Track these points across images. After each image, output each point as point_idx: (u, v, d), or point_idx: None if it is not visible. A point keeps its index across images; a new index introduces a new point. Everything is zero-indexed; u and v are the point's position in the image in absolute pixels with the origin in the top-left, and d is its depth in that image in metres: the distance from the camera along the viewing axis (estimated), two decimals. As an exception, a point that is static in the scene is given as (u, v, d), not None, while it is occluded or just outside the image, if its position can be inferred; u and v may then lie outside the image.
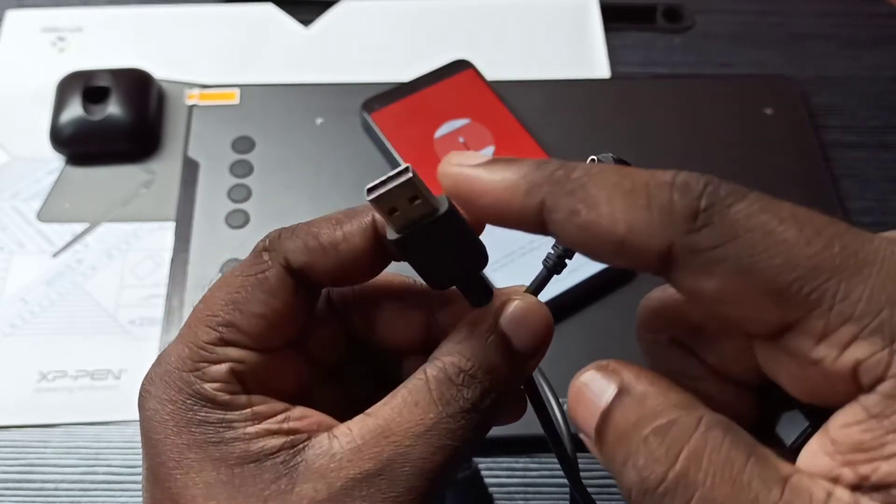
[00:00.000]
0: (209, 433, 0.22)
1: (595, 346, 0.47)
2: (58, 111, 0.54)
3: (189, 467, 0.22)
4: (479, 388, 0.23)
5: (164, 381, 0.23)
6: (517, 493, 0.44)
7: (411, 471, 0.22)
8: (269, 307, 0.23)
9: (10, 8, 0.62)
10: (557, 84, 0.57)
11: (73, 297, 0.49)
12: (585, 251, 0.21)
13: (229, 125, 0.55)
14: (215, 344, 0.23)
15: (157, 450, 0.23)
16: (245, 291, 0.23)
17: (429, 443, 0.22)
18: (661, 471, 0.18)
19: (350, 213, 0.24)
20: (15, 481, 0.44)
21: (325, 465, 0.22)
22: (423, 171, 0.22)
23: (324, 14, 0.62)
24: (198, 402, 0.23)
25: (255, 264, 0.24)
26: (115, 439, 0.45)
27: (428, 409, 0.22)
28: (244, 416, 0.23)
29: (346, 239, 0.24)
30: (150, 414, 0.23)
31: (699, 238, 0.19)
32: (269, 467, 0.22)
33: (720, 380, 0.23)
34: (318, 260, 0.24)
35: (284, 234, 0.24)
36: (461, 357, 0.23)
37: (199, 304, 0.24)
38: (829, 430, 0.19)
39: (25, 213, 0.53)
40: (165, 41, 0.60)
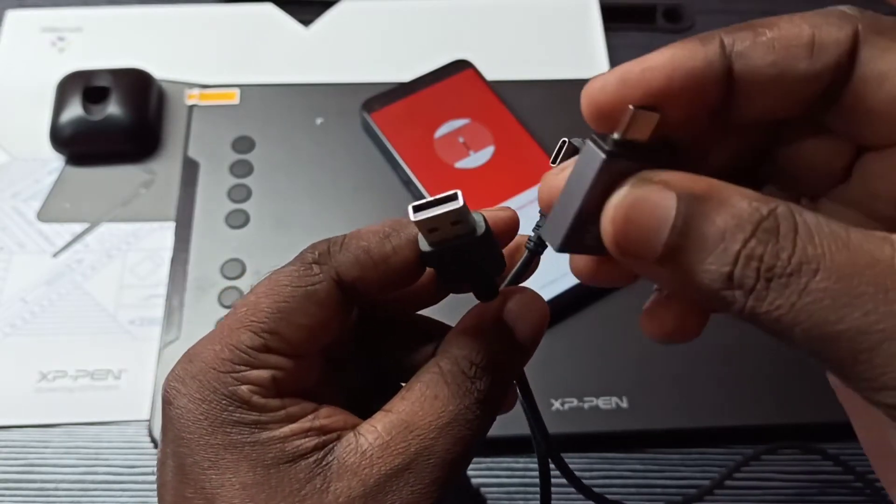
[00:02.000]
0: (244, 434, 0.23)
1: (595, 346, 0.47)
2: (58, 111, 0.54)
3: (225, 468, 0.23)
4: (489, 380, 0.24)
5: (197, 379, 0.23)
6: (517, 494, 0.44)
7: (435, 462, 0.23)
8: (315, 319, 0.24)
9: (10, 8, 0.62)
10: (557, 84, 0.57)
11: (73, 297, 0.49)
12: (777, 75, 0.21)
13: (229, 125, 0.55)
14: (258, 350, 0.23)
15: (191, 448, 0.23)
16: (294, 301, 0.24)
17: (450, 434, 0.23)
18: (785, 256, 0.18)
19: (396, 226, 0.24)
20: (15, 481, 0.44)
21: (357, 463, 0.23)
22: (424, 170, 0.22)
23: (324, 14, 0.62)
24: (233, 402, 0.23)
25: (306, 276, 0.24)
26: (115, 439, 0.45)
27: (448, 402, 0.23)
28: (278, 417, 0.23)
29: (395, 252, 0.24)
30: (181, 412, 0.23)
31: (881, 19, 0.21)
32: (303, 467, 0.23)
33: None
34: (369, 274, 0.24)
35: (334, 248, 0.24)
36: (471, 350, 0.24)
37: (240, 307, 0.24)
38: None
39: (25, 213, 0.53)
40: (165, 41, 0.60)
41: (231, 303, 0.48)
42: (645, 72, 0.21)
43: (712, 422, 0.45)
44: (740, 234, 0.18)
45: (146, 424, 0.45)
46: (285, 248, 0.50)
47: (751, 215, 0.18)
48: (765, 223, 0.18)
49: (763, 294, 0.18)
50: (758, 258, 0.18)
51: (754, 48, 0.21)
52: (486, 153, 0.53)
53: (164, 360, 0.46)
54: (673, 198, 0.19)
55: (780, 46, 0.21)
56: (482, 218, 0.23)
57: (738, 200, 0.19)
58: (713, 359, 0.46)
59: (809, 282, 0.18)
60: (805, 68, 0.21)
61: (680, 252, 0.19)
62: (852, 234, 0.18)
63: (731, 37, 0.21)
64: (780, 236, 0.18)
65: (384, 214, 0.52)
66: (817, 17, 0.21)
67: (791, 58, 0.21)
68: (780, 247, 0.18)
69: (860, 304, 0.18)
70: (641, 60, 0.21)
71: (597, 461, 0.45)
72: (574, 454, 0.45)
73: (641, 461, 0.45)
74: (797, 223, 0.18)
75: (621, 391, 0.45)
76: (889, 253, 0.18)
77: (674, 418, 0.45)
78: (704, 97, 0.21)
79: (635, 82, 0.21)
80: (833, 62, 0.21)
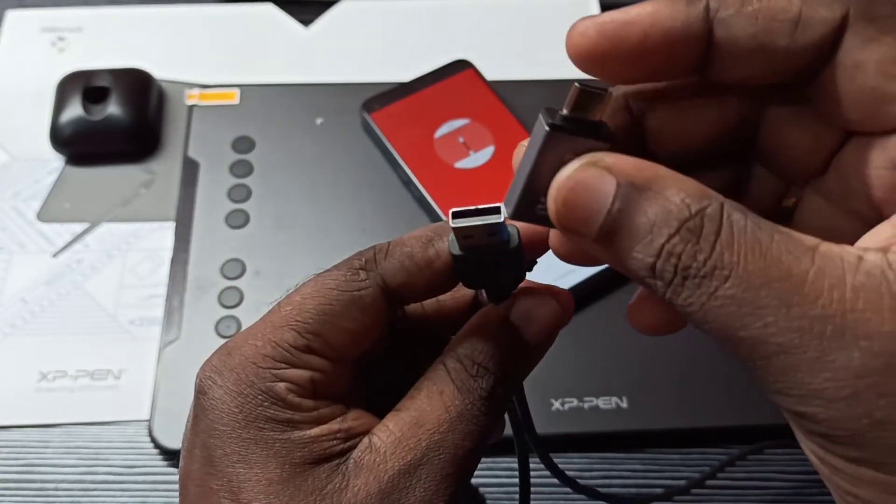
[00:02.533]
0: (276, 431, 0.23)
1: (595, 346, 0.47)
2: (58, 111, 0.54)
3: (254, 462, 0.23)
4: (492, 378, 0.24)
5: (234, 372, 0.24)
6: (517, 493, 0.44)
7: (446, 458, 0.23)
8: (359, 324, 0.24)
9: (10, 8, 0.62)
10: (557, 84, 0.57)
11: (73, 297, 0.49)
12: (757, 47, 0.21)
13: (229, 125, 0.55)
14: (301, 350, 0.24)
15: (222, 440, 0.23)
16: (339, 305, 0.24)
17: (458, 429, 0.24)
18: (701, 258, 0.18)
19: (438, 230, 0.25)
20: (15, 481, 0.44)
21: (372, 460, 0.23)
22: (424, 170, 0.22)
23: (324, 14, 0.62)
24: (268, 398, 0.23)
25: (353, 281, 0.24)
26: (115, 439, 0.45)
27: (453, 398, 0.24)
28: (310, 417, 0.23)
29: (439, 256, 0.25)
30: (216, 403, 0.24)
31: (875, 6, 0.20)
32: (326, 468, 0.23)
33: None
34: (414, 279, 0.25)
35: (379, 255, 0.25)
36: (474, 349, 0.24)
37: (284, 305, 0.24)
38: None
39: (25, 213, 0.53)
40: (165, 41, 0.60)
41: (231, 303, 0.48)
42: (624, 25, 0.21)
43: (712, 422, 0.45)
44: (665, 230, 0.19)
45: (146, 424, 0.45)
46: (285, 248, 0.51)
47: (679, 212, 0.19)
48: (689, 222, 0.19)
49: (679, 290, 0.19)
50: (676, 255, 0.19)
51: (737, 17, 0.20)
52: (486, 153, 0.53)
53: (164, 360, 0.46)
54: (612, 184, 0.19)
55: (764, 19, 0.20)
56: (516, 231, 0.24)
57: (673, 194, 0.19)
58: (714, 359, 0.46)
59: (719, 287, 0.18)
60: (785, 44, 0.21)
61: (613, 236, 0.20)
62: (776, 243, 0.18)
63: (717, 1, 0.21)
64: (700, 237, 0.19)
65: (384, 214, 0.52)
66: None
67: (772, 32, 0.20)
68: (699, 248, 0.18)
69: (762, 315, 0.18)
70: (624, 11, 0.21)
71: (597, 461, 0.45)
72: (574, 454, 0.45)
73: (641, 461, 0.45)
74: (721, 226, 0.19)
75: (621, 391, 0.45)
76: (805, 267, 0.18)
77: (674, 418, 0.45)
78: (680, 57, 0.21)
79: (613, 33, 0.21)
80: (815, 42, 0.20)
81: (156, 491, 0.44)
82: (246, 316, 0.48)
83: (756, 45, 0.21)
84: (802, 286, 0.18)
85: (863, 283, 0.18)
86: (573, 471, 0.44)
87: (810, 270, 0.18)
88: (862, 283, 0.18)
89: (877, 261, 0.18)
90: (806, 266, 0.18)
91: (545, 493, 0.43)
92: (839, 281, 0.18)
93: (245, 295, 0.48)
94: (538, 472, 0.44)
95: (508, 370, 0.25)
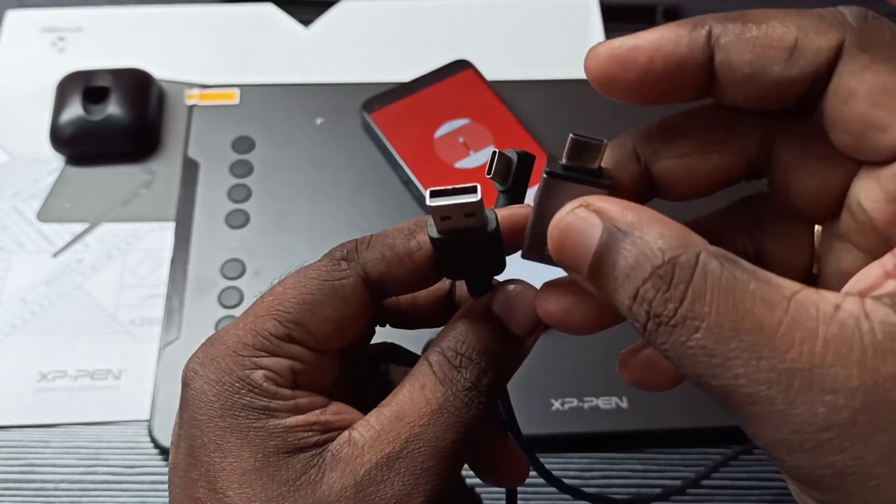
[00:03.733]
0: (251, 419, 0.23)
1: (595, 346, 0.47)
2: (58, 111, 0.54)
3: (229, 451, 0.23)
4: (476, 369, 0.24)
5: (215, 362, 0.24)
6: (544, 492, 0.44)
7: (426, 451, 0.23)
8: (340, 313, 0.24)
9: (10, 8, 0.62)
10: (557, 84, 0.57)
11: (73, 297, 0.49)
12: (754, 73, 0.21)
13: (229, 125, 0.55)
14: (281, 339, 0.24)
15: (201, 430, 0.23)
16: (320, 295, 0.24)
17: (439, 421, 0.23)
18: (672, 307, 0.19)
19: (420, 223, 0.25)
20: (15, 481, 0.44)
21: (349, 454, 0.23)
22: (424, 170, 0.23)
23: (324, 14, 0.62)
24: (245, 385, 0.23)
25: (334, 271, 0.25)
26: (115, 439, 0.45)
27: (435, 390, 0.24)
28: (287, 406, 0.23)
29: (420, 247, 0.25)
30: (196, 393, 0.24)
31: (870, 35, 0.21)
32: (301, 459, 0.23)
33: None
34: (395, 270, 0.25)
35: (361, 246, 0.25)
36: (457, 341, 0.25)
37: (267, 296, 0.25)
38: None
39: (25, 213, 0.53)
40: (165, 41, 0.60)
41: (231, 303, 0.48)
42: (631, 50, 0.22)
43: (712, 422, 0.45)
44: (640, 274, 0.19)
45: (146, 424, 0.45)
46: (285, 248, 0.51)
47: (653, 258, 0.19)
48: (661, 269, 0.19)
49: (653, 334, 0.19)
50: (648, 301, 0.19)
51: (736, 44, 0.21)
52: (486, 153, 0.53)
53: (164, 360, 0.46)
54: (598, 227, 0.20)
55: (760, 46, 0.21)
56: (494, 216, 0.24)
57: (653, 239, 0.19)
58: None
59: (690, 337, 0.19)
60: (779, 72, 0.21)
61: (599, 276, 0.20)
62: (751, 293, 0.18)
63: (720, 27, 0.21)
64: (671, 286, 0.19)
65: (384, 214, 0.52)
66: (810, 20, 0.21)
67: (768, 59, 0.21)
68: (669, 296, 0.19)
69: (731, 367, 0.18)
70: (635, 36, 0.22)
71: (597, 461, 0.45)
72: (574, 454, 0.45)
73: (641, 461, 0.45)
74: (694, 275, 0.19)
75: (621, 391, 0.45)
76: (778, 318, 0.18)
77: (674, 418, 0.45)
78: (683, 80, 0.22)
79: (621, 57, 0.22)
80: (810, 70, 0.21)
81: (156, 491, 0.44)
82: (246, 316, 0.48)
83: (753, 70, 0.21)
84: (773, 338, 0.18)
85: (835, 335, 0.18)
86: (573, 471, 0.44)
87: (783, 321, 0.18)
88: (834, 335, 0.18)
89: (853, 310, 0.18)
90: (779, 317, 0.18)
91: (546, 493, 0.43)
92: (811, 333, 0.18)
93: (245, 295, 0.48)
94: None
95: (494, 361, 0.25)
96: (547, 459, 0.44)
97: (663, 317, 0.19)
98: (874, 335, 0.18)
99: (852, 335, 0.18)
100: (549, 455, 0.45)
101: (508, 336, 0.25)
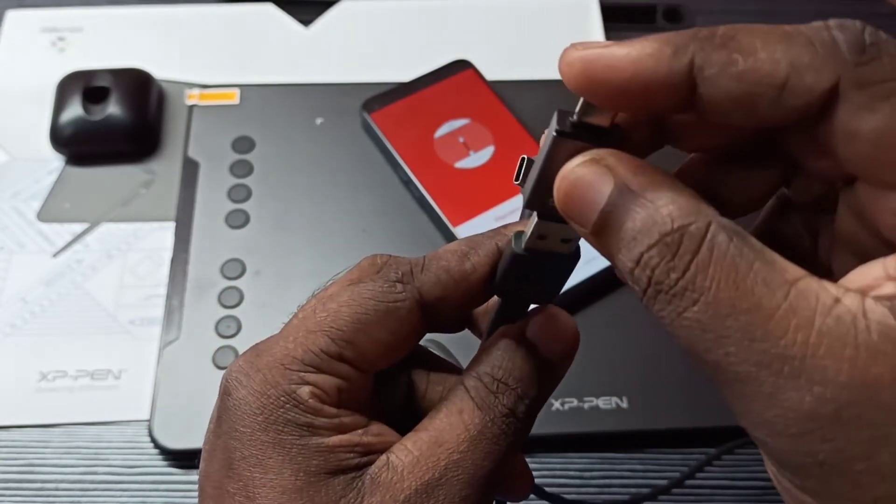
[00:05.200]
0: (294, 435, 0.23)
1: (595, 346, 0.47)
2: (58, 111, 0.54)
3: (270, 467, 0.23)
4: (513, 395, 0.24)
5: (261, 373, 0.23)
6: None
7: (465, 478, 0.23)
8: (394, 336, 0.24)
9: (10, 8, 0.62)
10: (557, 84, 0.57)
11: (73, 297, 0.49)
12: (740, 107, 0.20)
13: (229, 125, 0.55)
14: (332, 356, 0.24)
15: (242, 443, 0.23)
16: (375, 315, 0.24)
17: (478, 448, 0.23)
18: (674, 277, 0.19)
19: (473, 244, 0.25)
20: (15, 481, 0.44)
21: (389, 479, 0.23)
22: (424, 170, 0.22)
23: (324, 14, 0.62)
24: (290, 400, 0.23)
25: (390, 292, 0.24)
26: (115, 439, 0.45)
27: (473, 416, 0.24)
28: (331, 424, 0.23)
29: (475, 270, 0.25)
30: (239, 403, 0.23)
31: (868, 71, 0.19)
32: (341, 481, 0.23)
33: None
34: (450, 293, 0.25)
35: (416, 269, 0.25)
36: (494, 367, 0.24)
37: (319, 311, 0.24)
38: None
39: (25, 213, 0.53)
40: (165, 41, 0.60)
41: (231, 303, 0.48)
42: (606, 69, 0.20)
43: (712, 422, 0.45)
44: (646, 239, 0.19)
45: (146, 424, 0.45)
46: (285, 248, 0.51)
47: (662, 224, 0.19)
48: (668, 237, 0.19)
49: (651, 301, 0.19)
50: (651, 267, 0.19)
51: (721, 77, 0.19)
52: (486, 153, 0.53)
53: (164, 360, 0.46)
54: (609, 184, 0.20)
55: (747, 82, 0.19)
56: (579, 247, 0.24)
57: (663, 205, 0.19)
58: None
59: (687, 308, 0.19)
60: (767, 108, 0.20)
61: (603, 234, 0.20)
62: (754, 273, 0.18)
63: (703, 55, 0.19)
64: (676, 255, 0.19)
65: (384, 214, 0.52)
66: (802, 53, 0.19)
67: (756, 95, 0.19)
68: (672, 266, 0.19)
69: (724, 343, 0.18)
70: (610, 51, 0.20)
71: (597, 461, 0.45)
72: (574, 454, 0.45)
73: (641, 461, 0.45)
74: (701, 247, 0.18)
75: (621, 391, 0.45)
76: (777, 302, 0.18)
77: (674, 418, 0.45)
78: (662, 104, 0.21)
79: (596, 74, 0.20)
80: (801, 108, 0.20)
81: (156, 491, 0.44)
82: (246, 316, 0.48)
83: (739, 105, 0.20)
84: (768, 322, 0.18)
85: (830, 329, 0.18)
86: (573, 471, 0.44)
87: (781, 306, 0.18)
88: (829, 329, 0.18)
89: (852, 306, 0.18)
90: (778, 301, 0.18)
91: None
92: (807, 322, 0.18)
93: (245, 295, 0.48)
94: (538, 473, 0.44)
95: (530, 387, 0.25)
96: (547, 459, 0.45)
97: (664, 285, 0.19)
98: (869, 334, 0.18)
99: (847, 331, 0.18)
100: (550, 455, 0.45)
101: (543, 362, 0.25)
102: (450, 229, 0.49)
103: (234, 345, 0.47)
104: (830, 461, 0.18)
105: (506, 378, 0.24)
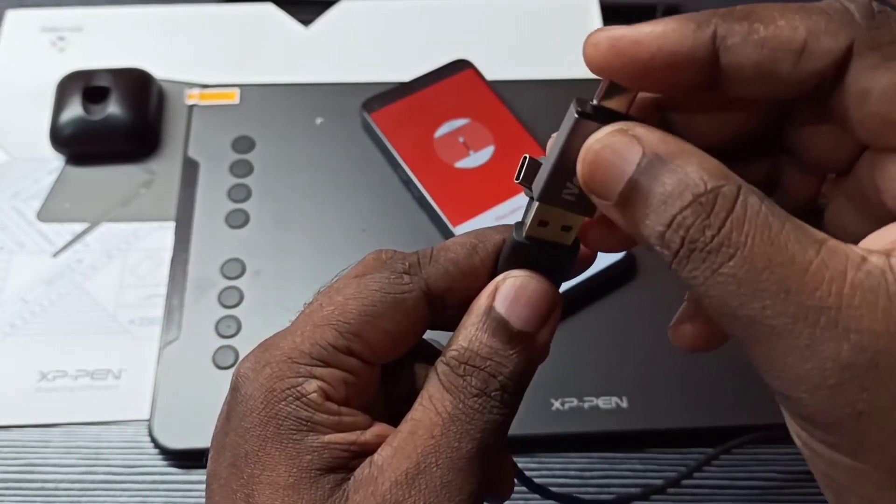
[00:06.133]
0: (292, 429, 0.23)
1: (595, 346, 0.47)
2: (58, 111, 0.54)
3: (267, 463, 0.23)
4: (482, 375, 0.24)
5: (269, 367, 0.23)
6: (516, 493, 0.43)
7: (443, 463, 0.23)
8: (400, 327, 0.24)
9: (10, 8, 0.62)
10: (557, 84, 0.57)
11: (73, 297, 0.49)
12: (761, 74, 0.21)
13: (229, 125, 0.55)
14: (340, 350, 0.24)
15: (246, 438, 0.23)
16: (382, 307, 0.24)
17: (451, 431, 0.23)
18: (709, 234, 0.19)
19: (481, 236, 0.25)
20: (15, 481, 0.44)
21: (369, 475, 0.23)
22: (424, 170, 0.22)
23: (324, 14, 0.62)
24: (293, 393, 0.23)
25: (396, 284, 0.24)
26: (115, 439, 0.45)
27: (443, 399, 0.23)
28: (329, 421, 0.23)
29: (483, 263, 0.25)
30: (245, 399, 0.23)
31: (879, 34, 0.21)
32: (331, 479, 0.23)
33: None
34: (457, 285, 0.25)
35: (423, 260, 0.25)
36: (459, 349, 0.24)
37: (326, 305, 0.24)
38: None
39: (25, 213, 0.53)
40: (165, 41, 0.60)
41: (231, 303, 0.48)
42: (633, 44, 0.21)
43: (712, 422, 0.45)
44: (679, 202, 0.19)
45: (146, 424, 0.45)
46: (285, 247, 0.51)
47: (695, 186, 0.19)
48: (703, 197, 0.19)
49: (684, 262, 0.19)
50: (686, 227, 0.19)
51: (743, 45, 0.21)
52: (486, 153, 0.53)
53: (164, 360, 0.46)
54: (638, 152, 0.20)
55: (769, 48, 0.21)
56: (577, 240, 0.24)
57: (693, 171, 0.20)
58: (714, 358, 0.46)
59: (723, 264, 0.19)
60: (788, 72, 0.21)
61: (630, 202, 0.20)
62: (786, 231, 0.19)
63: (726, 26, 0.21)
64: (712, 214, 0.19)
65: (384, 214, 0.52)
66: (818, 20, 0.21)
67: (776, 60, 0.21)
68: (708, 223, 0.19)
69: (760, 297, 0.19)
70: (636, 29, 0.21)
71: (597, 461, 0.45)
72: (574, 454, 0.45)
73: (641, 461, 0.45)
74: (735, 206, 0.19)
75: (621, 391, 0.45)
76: (810, 257, 0.18)
77: (674, 418, 0.45)
78: (686, 77, 0.22)
79: (622, 50, 0.21)
80: (819, 71, 0.21)
81: (156, 491, 0.44)
82: (246, 316, 0.48)
83: (760, 72, 0.21)
84: (803, 275, 0.18)
85: (862, 281, 0.18)
86: (573, 471, 0.44)
87: (814, 261, 0.18)
88: (861, 281, 0.18)
89: (879, 263, 0.19)
90: (810, 256, 0.18)
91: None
92: (840, 275, 0.18)
93: (245, 295, 0.48)
94: (538, 473, 0.44)
95: (502, 363, 0.24)
96: (547, 459, 0.45)
97: (699, 243, 0.19)
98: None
99: (879, 284, 0.18)
100: (550, 455, 0.45)
101: (515, 335, 0.24)
102: (450, 229, 0.49)
103: (234, 345, 0.47)
104: (868, 410, 0.18)
105: (471, 359, 0.24)
